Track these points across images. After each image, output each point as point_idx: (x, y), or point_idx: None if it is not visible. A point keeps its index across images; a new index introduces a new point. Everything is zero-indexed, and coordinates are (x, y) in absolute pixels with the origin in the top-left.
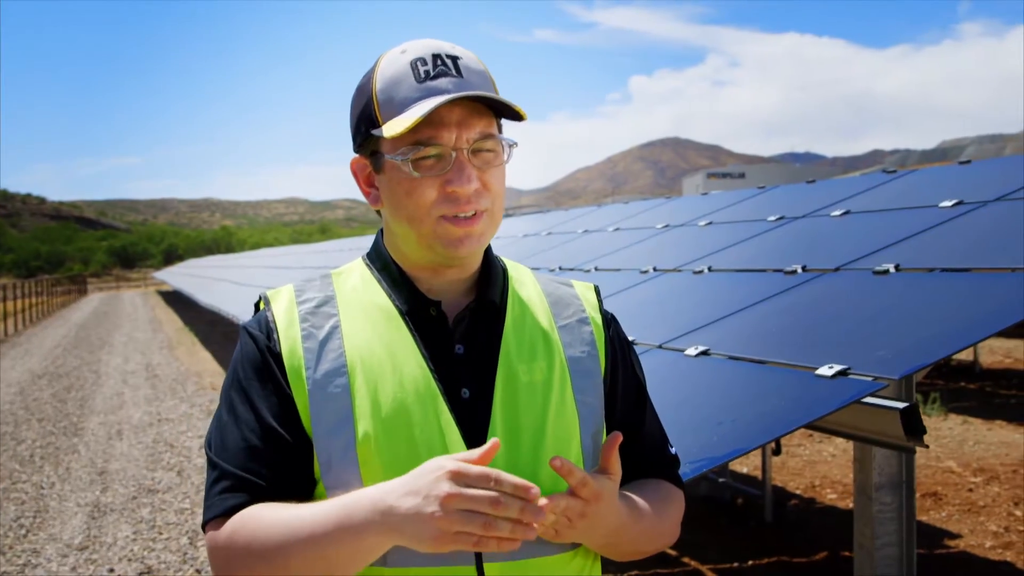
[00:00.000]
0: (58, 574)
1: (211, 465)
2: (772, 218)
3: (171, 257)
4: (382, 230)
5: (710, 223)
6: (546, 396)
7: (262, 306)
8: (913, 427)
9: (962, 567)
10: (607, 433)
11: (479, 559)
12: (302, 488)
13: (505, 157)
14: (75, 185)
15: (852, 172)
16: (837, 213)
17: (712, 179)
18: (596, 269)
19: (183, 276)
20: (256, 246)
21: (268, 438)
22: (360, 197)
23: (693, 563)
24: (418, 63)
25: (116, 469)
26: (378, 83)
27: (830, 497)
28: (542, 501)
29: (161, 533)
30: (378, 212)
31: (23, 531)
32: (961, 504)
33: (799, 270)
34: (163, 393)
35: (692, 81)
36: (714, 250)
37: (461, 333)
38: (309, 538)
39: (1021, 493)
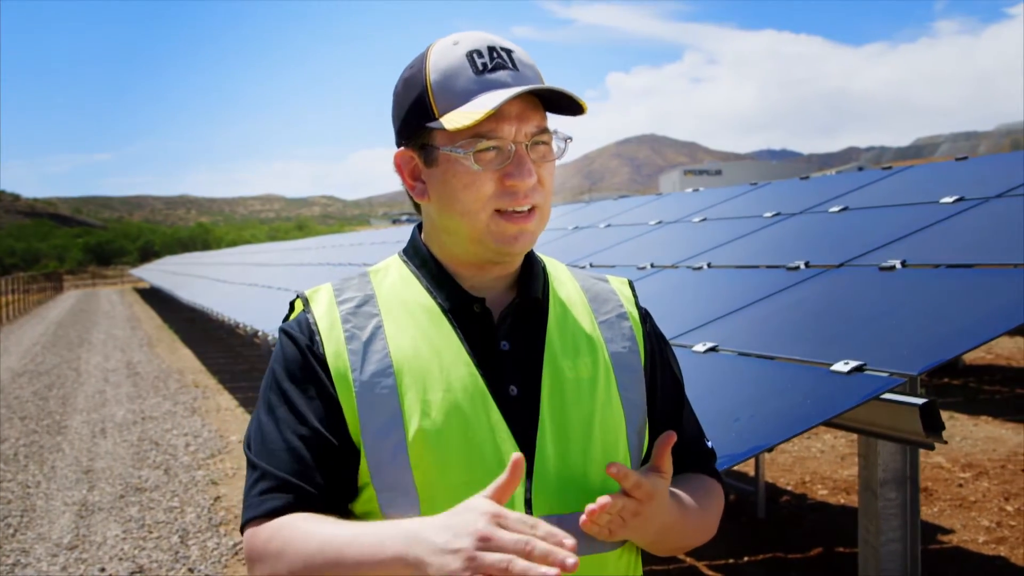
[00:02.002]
0: (49, 574)
1: (251, 466)
2: (768, 214)
3: (147, 254)
4: (419, 226)
5: (704, 219)
6: (592, 392)
7: (298, 306)
8: (932, 423)
9: (957, 562)
10: (649, 428)
11: None
12: (344, 493)
13: (558, 152)
14: (49, 182)
15: (827, 169)
16: (835, 209)
17: (688, 176)
18: (591, 266)
19: (161, 273)
20: (233, 243)
21: (311, 440)
22: (337, 193)
23: (688, 559)
24: (474, 55)
25: (102, 468)
26: (432, 74)
27: (821, 493)
28: (580, 535)
29: (151, 532)
30: (416, 208)
31: (11, 531)
32: (952, 499)
33: (802, 266)
34: (145, 391)
35: (669, 78)
36: (712, 246)
37: (506, 330)
38: (336, 560)
39: (1011, 488)
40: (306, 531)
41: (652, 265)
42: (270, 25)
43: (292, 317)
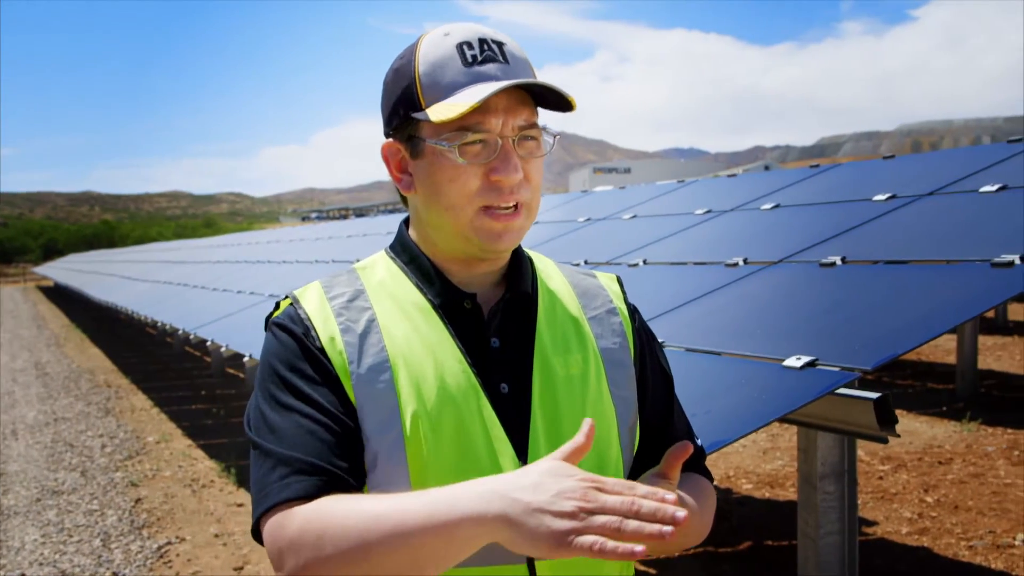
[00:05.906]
0: None
1: (264, 454)
2: (699, 211)
3: (50, 252)
4: (406, 221)
5: (635, 216)
6: (584, 389)
7: (284, 304)
8: (886, 417)
9: (883, 553)
10: (640, 424)
11: (530, 558)
12: (362, 474)
13: (547, 148)
14: None
15: (734, 167)
16: (767, 207)
17: (598, 174)
18: None
19: (66, 271)
20: (140, 241)
21: (326, 423)
22: (244, 190)
23: None
24: (464, 46)
25: (15, 471)
26: (421, 65)
27: (746, 487)
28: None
29: (71, 536)
30: (404, 201)
31: None
32: (873, 492)
33: (740, 263)
34: (56, 391)
35: (581, 75)
36: (645, 243)
37: (496, 326)
38: (395, 529)
39: (929, 480)
40: (348, 508)
41: (586, 262)
42: (177, 19)
43: (278, 314)
